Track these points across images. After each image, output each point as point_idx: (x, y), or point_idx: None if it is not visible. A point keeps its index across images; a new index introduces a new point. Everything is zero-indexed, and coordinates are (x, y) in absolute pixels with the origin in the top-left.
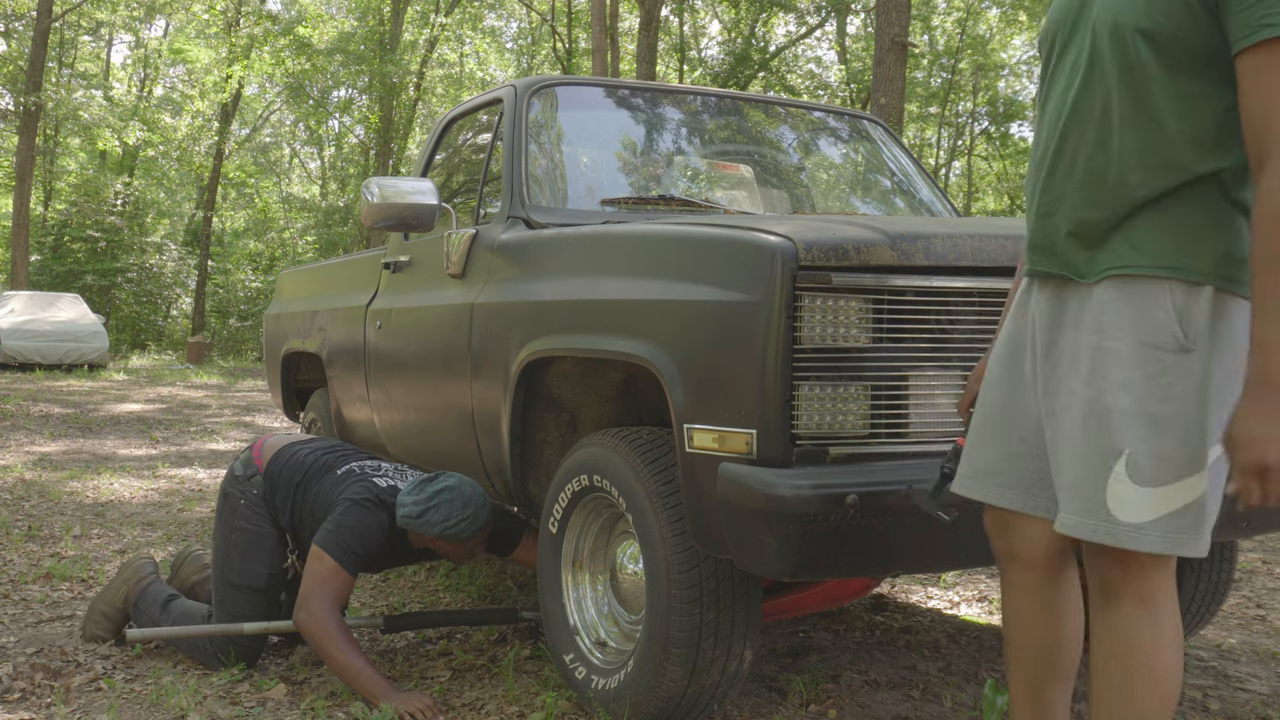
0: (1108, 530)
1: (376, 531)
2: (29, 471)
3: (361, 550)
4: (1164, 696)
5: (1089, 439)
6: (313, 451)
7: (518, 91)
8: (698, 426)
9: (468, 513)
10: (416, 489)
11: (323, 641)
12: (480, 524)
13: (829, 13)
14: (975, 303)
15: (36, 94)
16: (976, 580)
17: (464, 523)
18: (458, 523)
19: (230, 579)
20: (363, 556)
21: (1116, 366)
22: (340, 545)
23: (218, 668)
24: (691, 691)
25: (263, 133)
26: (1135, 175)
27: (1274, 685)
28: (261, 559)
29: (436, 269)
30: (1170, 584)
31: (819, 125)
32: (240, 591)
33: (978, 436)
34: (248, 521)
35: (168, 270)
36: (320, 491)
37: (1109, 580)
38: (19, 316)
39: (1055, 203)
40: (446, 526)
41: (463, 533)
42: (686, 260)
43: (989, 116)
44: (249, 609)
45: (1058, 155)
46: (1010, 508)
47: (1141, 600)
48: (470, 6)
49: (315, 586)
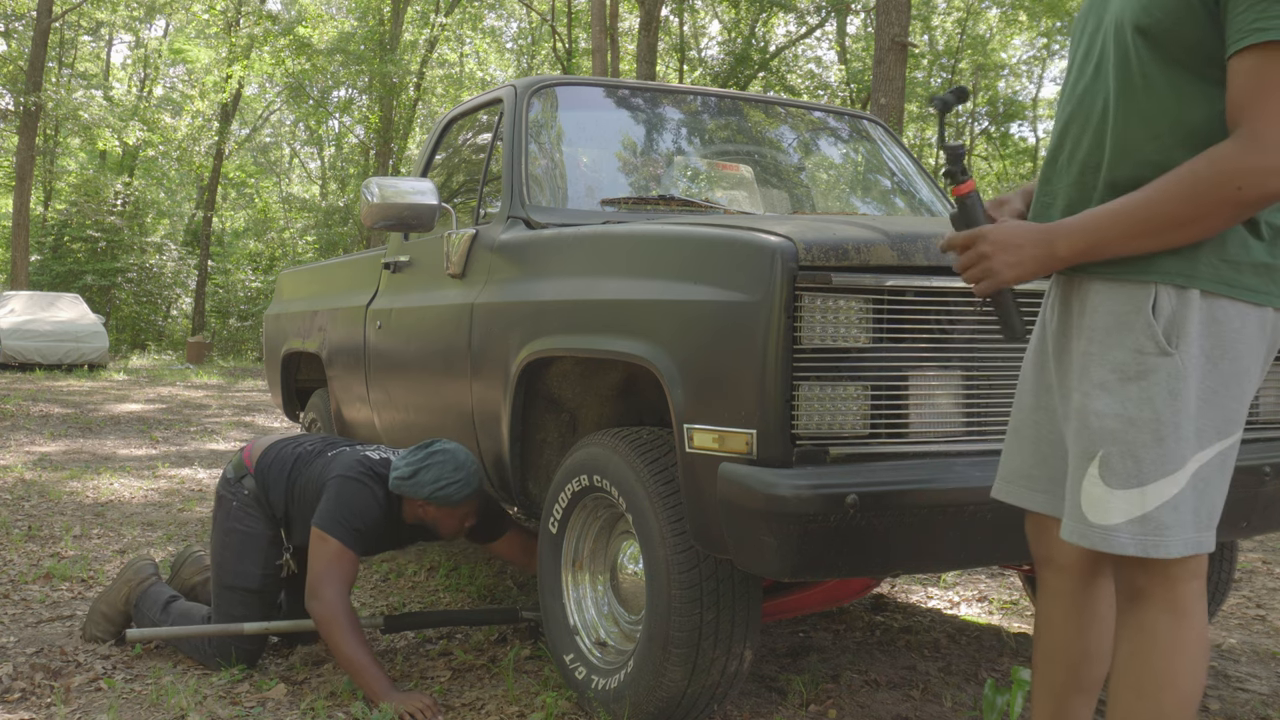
0: (1082, 532)
1: (373, 505)
2: (29, 471)
3: (362, 526)
4: (1181, 701)
5: (1075, 441)
6: (301, 444)
7: (518, 91)
8: (698, 426)
9: (460, 476)
10: (410, 453)
11: (332, 631)
12: (471, 489)
13: (829, 13)
14: (975, 303)
15: (36, 94)
16: (976, 580)
17: (455, 485)
18: (448, 484)
19: (225, 581)
20: (364, 532)
21: (1098, 368)
22: (340, 523)
23: (218, 669)
24: (692, 691)
25: (263, 133)
26: (1124, 173)
27: (1274, 685)
28: (254, 559)
29: (436, 269)
30: (1197, 591)
31: (819, 125)
32: (235, 593)
33: (1012, 440)
34: (240, 523)
35: (168, 270)
36: (311, 474)
37: (1134, 584)
38: (19, 316)
39: (1052, 196)
40: (437, 488)
41: (452, 495)
42: (686, 260)
43: (989, 116)
44: (245, 610)
45: (1058, 149)
46: (1043, 512)
47: (1167, 605)
48: (470, 6)
49: (323, 571)
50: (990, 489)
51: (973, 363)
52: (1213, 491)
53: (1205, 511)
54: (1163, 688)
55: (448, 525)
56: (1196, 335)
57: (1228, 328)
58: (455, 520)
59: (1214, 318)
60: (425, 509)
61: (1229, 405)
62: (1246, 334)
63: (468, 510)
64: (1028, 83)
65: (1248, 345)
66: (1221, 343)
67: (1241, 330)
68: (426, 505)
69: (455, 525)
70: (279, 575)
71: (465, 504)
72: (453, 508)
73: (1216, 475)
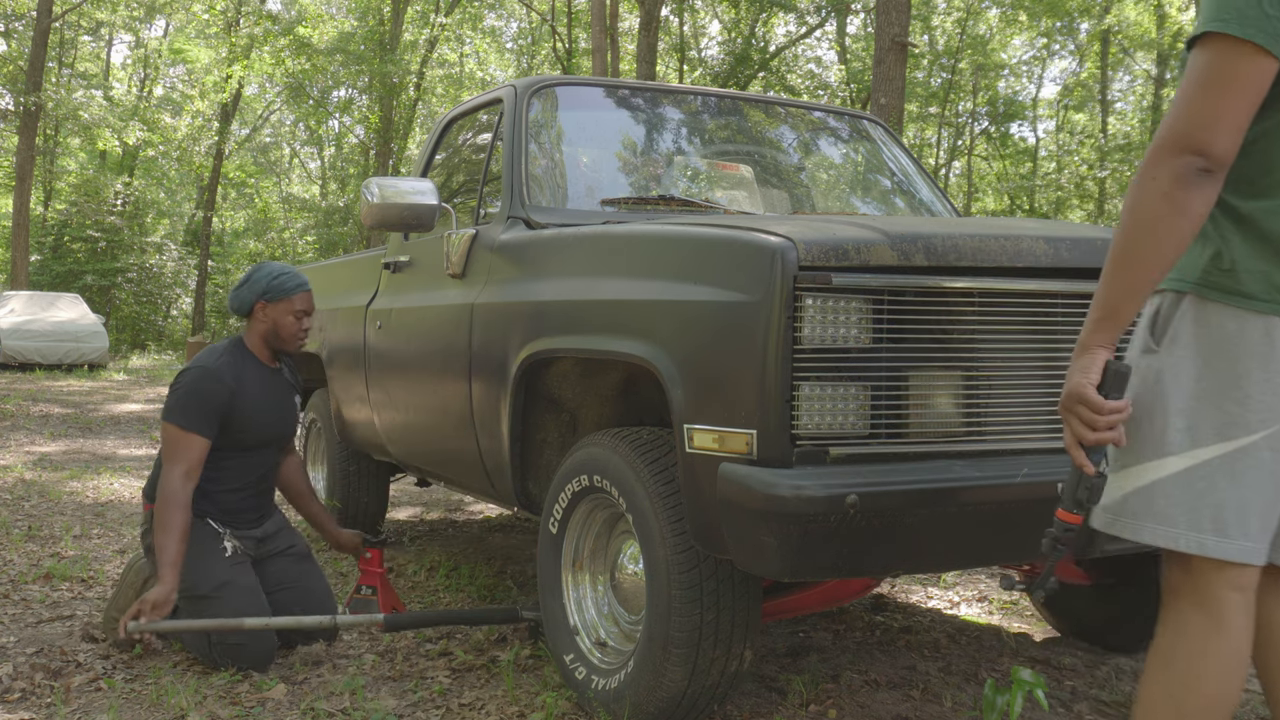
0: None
1: (208, 380)
2: (29, 471)
3: (196, 403)
4: (1205, 707)
5: None
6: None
7: (518, 92)
8: (698, 427)
9: (289, 270)
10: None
11: (160, 513)
12: (301, 280)
13: (829, 13)
14: (975, 303)
15: (36, 94)
16: (976, 580)
17: (286, 275)
18: (280, 274)
19: (197, 593)
20: (203, 410)
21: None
22: (174, 409)
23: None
24: (692, 692)
25: (263, 133)
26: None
27: None
28: (204, 553)
29: (436, 269)
30: (1238, 603)
31: (819, 125)
32: (209, 600)
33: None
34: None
35: (168, 270)
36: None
37: (1169, 580)
38: (19, 316)
39: None
40: (271, 278)
41: (286, 283)
42: (686, 260)
43: (989, 116)
44: (229, 609)
45: None
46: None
47: (1198, 605)
48: (470, 6)
49: (166, 458)
50: (990, 489)
51: (973, 363)
52: (1219, 494)
53: (1209, 513)
54: (1187, 689)
55: (287, 326)
56: (1189, 337)
57: (1221, 331)
58: (293, 317)
59: (1206, 321)
60: (264, 312)
61: (1227, 408)
62: (1245, 339)
63: (302, 303)
64: (1028, 83)
65: (1246, 349)
66: (1214, 345)
67: (1239, 334)
68: (265, 307)
69: (294, 326)
70: (235, 557)
71: (298, 294)
72: (288, 298)
73: (1222, 478)
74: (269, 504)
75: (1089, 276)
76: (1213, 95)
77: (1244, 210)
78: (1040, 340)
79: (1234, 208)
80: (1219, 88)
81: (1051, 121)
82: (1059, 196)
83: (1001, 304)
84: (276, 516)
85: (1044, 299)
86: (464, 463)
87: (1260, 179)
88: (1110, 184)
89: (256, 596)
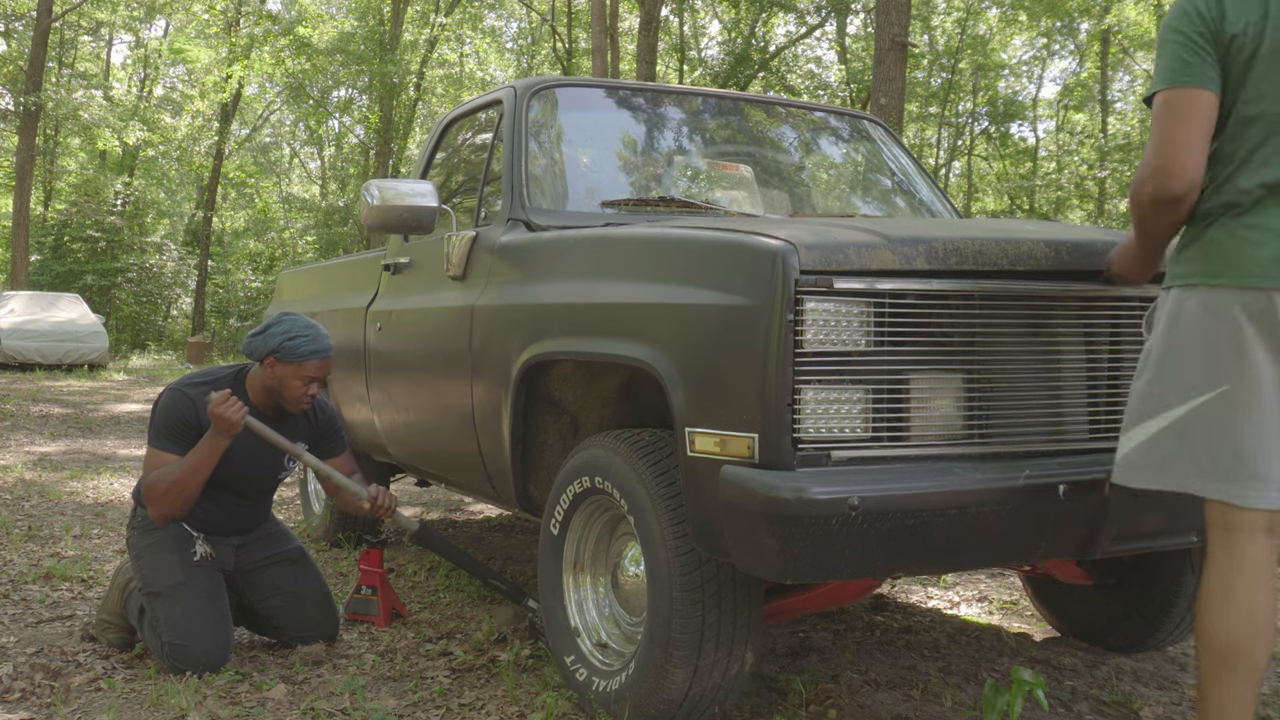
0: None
1: (181, 403)
2: (29, 471)
3: (168, 424)
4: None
5: None
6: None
7: (518, 92)
8: (699, 430)
9: (310, 331)
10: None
11: (163, 483)
12: (319, 346)
13: (829, 13)
14: (976, 305)
15: (36, 94)
16: (976, 580)
17: (303, 339)
18: (297, 336)
19: (154, 590)
20: (175, 430)
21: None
22: (151, 432)
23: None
24: (693, 694)
25: (263, 133)
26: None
27: (1274, 685)
28: (169, 554)
29: (437, 271)
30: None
31: (819, 125)
32: (164, 597)
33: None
34: (144, 539)
35: (168, 270)
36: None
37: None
38: (19, 316)
39: None
40: (287, 337)
41: (300, 348)
42: (687, 264)
43: (989, 116)
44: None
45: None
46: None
47: (1222, 546)
48: (470, 6)
49: (145, 472)
50: (991, 492)
51: (974, 366)
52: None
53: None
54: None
55: (292, 388)
56: (1164, 322)
57: (1175, 310)
58: (300, 382)
59: (1171, 305)
60: (272, 369)
61: (1187, 369)
62: (1186, 311)
63: (313, 370)
64: (1028, 83)
65: (1188, 321)
66: (1171, 322)
67: (1181, 309)
68: (274, 364)
69: (299, 390)
70: (204, 562)
71: (311, 361)
72: (299, 363)
73: (1204, 427)
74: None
75: (1089, 279)
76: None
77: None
78: (1041, 342)
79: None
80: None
81: (1051, 121)
82: (1059, 196)
83: (1002, 306)
84: (268, 522)
85: (1045, 301)
86: (465, 464)
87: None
88: (1110, 184)
89: (213, 602)
